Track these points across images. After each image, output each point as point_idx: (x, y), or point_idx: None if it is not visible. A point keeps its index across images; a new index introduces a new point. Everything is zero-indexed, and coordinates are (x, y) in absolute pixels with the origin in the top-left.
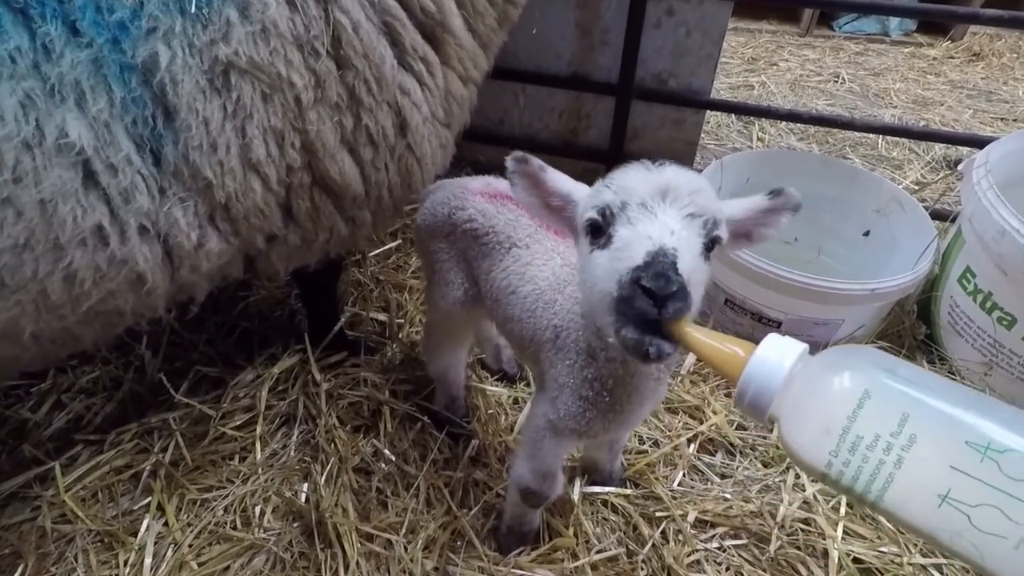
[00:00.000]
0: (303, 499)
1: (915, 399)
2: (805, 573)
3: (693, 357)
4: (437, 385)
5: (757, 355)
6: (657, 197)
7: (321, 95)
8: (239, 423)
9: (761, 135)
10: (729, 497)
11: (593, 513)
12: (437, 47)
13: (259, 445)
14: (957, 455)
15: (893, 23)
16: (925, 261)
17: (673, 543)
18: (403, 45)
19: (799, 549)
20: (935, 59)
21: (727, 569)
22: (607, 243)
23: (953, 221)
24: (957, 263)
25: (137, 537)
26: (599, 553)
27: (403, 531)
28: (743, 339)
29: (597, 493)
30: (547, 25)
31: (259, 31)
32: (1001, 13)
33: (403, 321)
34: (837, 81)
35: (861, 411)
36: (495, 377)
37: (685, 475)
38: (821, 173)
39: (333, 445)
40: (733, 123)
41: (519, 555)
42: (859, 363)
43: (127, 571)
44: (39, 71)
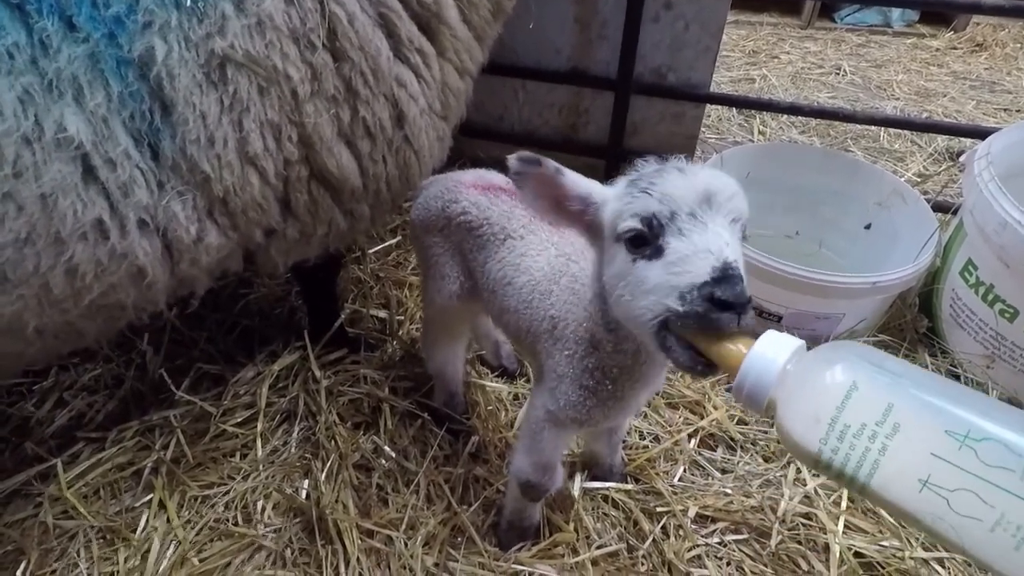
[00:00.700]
0: (304, 496)
1: (899, 391)
2: (806, 568)
3: None
4: (436, 381)
5: (754, 350)
6: (704, 205)
7: (318, 88)
8: (240, 420)
9: (762, 128)
10: (730, 492)
11: (593, 508)
12: (433, 39)
13: (260, 442)
14: (937, 443)
15: (895, 14)
16: (926, 254)
17: (674, 538)
18: (399, 37)
19: (800, 544)
20: (938, 50)
21: (728, 564)
22: (656, 255)
23: (955, 213)
24: (959, 255)
25: (138, 533)
26: (599, 548)
27: (403, 527)
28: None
29: (597, 488)
30: (546, 20)
31: (255, 24)
32: (1002, 2)
33: (403, 318)
34: (839, 73)
35: (849, 401)
36: (495, 373)
37: (686, 470)
38: (822, 166)
39: (333, 442)
40: (734, 117)
41: (519, 551)
42: (849, 357)
43: (129, 567)
44: (37, 66)
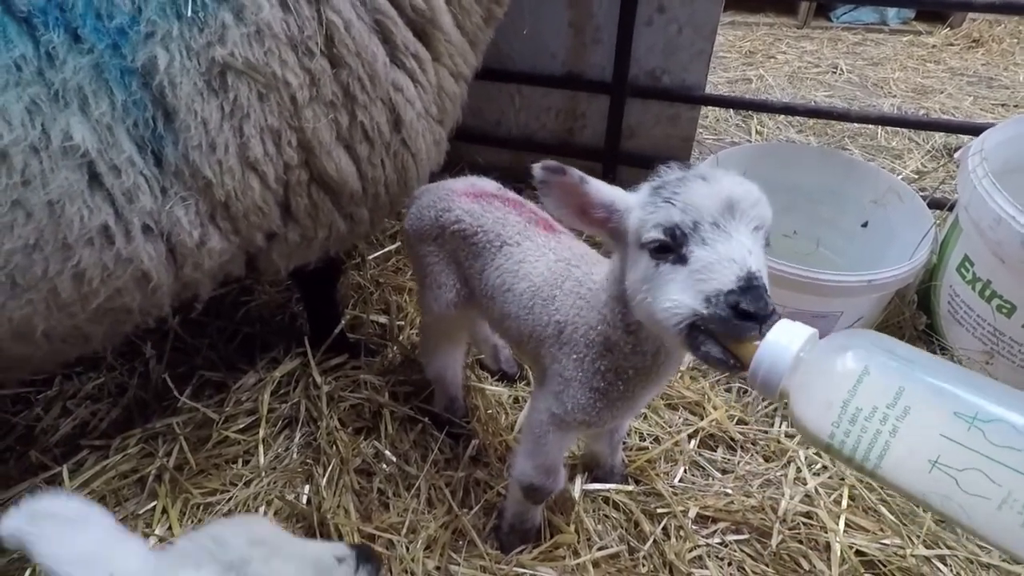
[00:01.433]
0: (305, 501)
1: (910, 375)
2: (807, 567)
3: None
4: (435, 386)
5: (768, 339)
6: (726, 213)
7: (316, 93)
8: (242, 426)
9: (760, 129)
10: (730, 492)
11: (594, 510)
12: (428, 44)
13: (262, 448)
14: (947, 424)
15: (891, 12)
16: (922, 251)
17: (675, 539)
18: (395, 43)
19: (801, 543)
20: (934, 47)
21: (729, 564)
22: (679, 261)
23: (951, 210)
24: (955, 252)
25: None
26: (601, 550)
27: (404, 531)
28: None
29: (598, 490)
30: (540, 25)
31: (254, 32)
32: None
33: (403, 323)
34: (836, 72)
35: (860, 386)
36: (495, 377)
37: (686, 471)
38: (818, 165)
39: (334, 447)
40: (731, 118)
41: (520, 553)
42: (861, 344)
43: None
44: (43, 77)
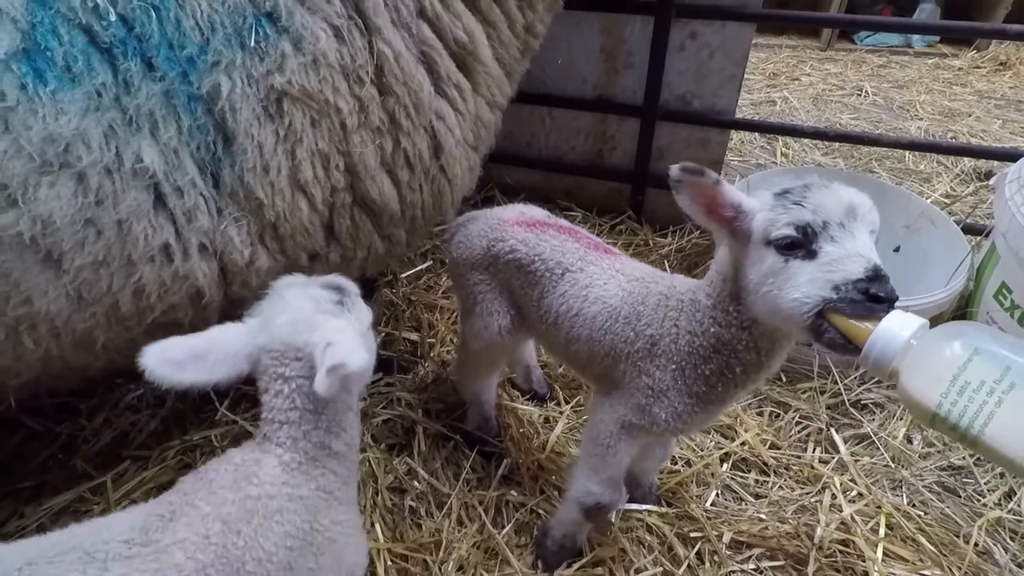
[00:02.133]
0: None
1: (1016, 359)
2: None
3: None
4: (470, 407)
5: (883, 324)
6: (850, 217)
7: (364, 120)
8: None
9: (785, 151)
10: (764, 518)
11: (628, 531)
12: (469, 75)
13: None
14: None
15: (916, 35)
16: (959, 277)
17: (709, 564)
18: (439, 73)
19: (838, 571)
20: (960, 70)
21: None
22: (809, 256)
23: (986, 236)
24: (992, 279)
25: None
26: (636, 573)
27: (437, 551)
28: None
29: (633, 511)
30: (573, 51)
31: (311, 62)
32: None
33: (434, 340)
34: (860, 94)
35: (971, 364)
36: (525, 397)
37: (719, 494)
38: None
39: (367, 465)
40: (756, 139)
41: (560, 567)
42: (971, 332)
43: None
44: (120, 103)
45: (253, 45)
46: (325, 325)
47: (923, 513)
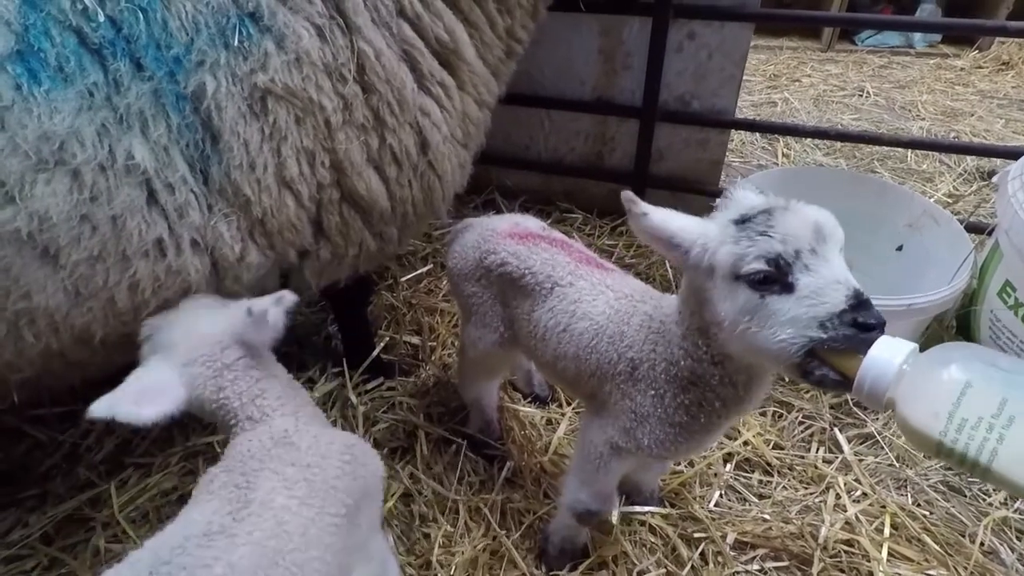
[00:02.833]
0: None
1: (1013, 385)
2: None
3: None
4: (471, 410)
5: (871, 353)
6: (818, 239)
7: (348, 117)
8: None
9: (786, 151)
10: (768, 518)
11: (631, 533)
12: (453, 73)
13: None
14: None
15: (917, 35)
16: (962, 275)
17: (712, 565)
18: (422, 71)
19: (843, 572)
20: (962, 69)
21: None
22: (786, 290)
23: (989, 234)
24: (996, 276)
25: None
26: (640, 575)
27: (442, 554)
28: None
29: (636, 513)
30: (572, 53)
31: (293, 60)
32: None
33: (435, 344)
34: (862, 95)
35: (964, 398)
36: (527, 400)
37: (722, 495)
38: (850, 189)
39: None
40: (757, 140)
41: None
42: (962, 357)
43: None
44: (111, 102)
45: (237, 45)
46: (228, 303)
47: (928, 513)
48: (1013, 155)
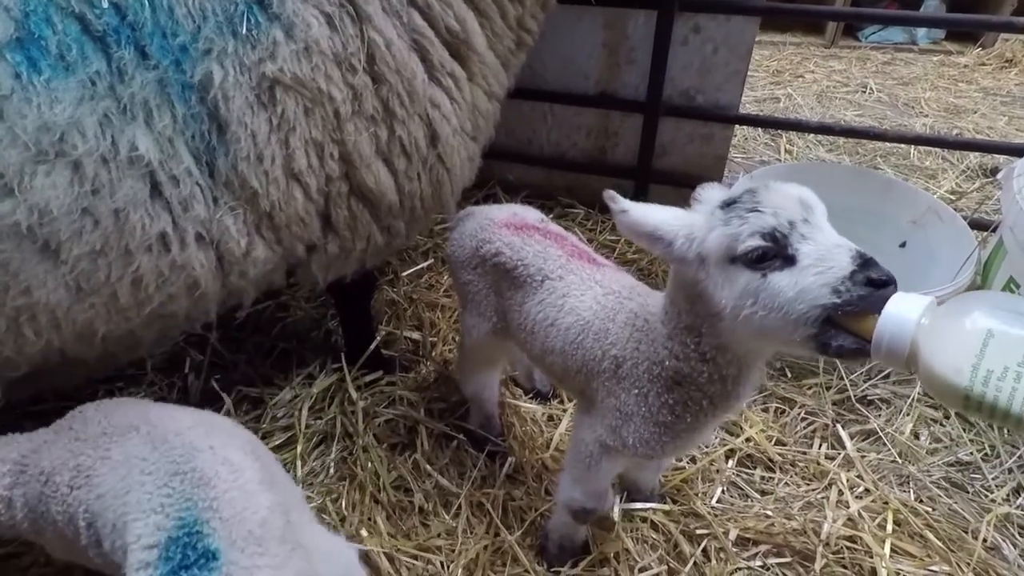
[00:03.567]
0: (339, 518)
1: None
2: None
3: None
4: (472, 405)
5: (887, 310)
6: (806, 210)
7: (358, 108)
8: (279, 442)
9: (789, 147)
10: (770, 514)
11: (633, 530)
12: (463, 64)
13: (299, 463)
14: None
15: (920, 32)
16: (966, 272)
17: (715, 561)
18: (432, 61)
19: (846, 567)
20: (966, 67)
21: None
22: (788, 263)
23: (993, 231)
24: (1000, 274)
25: None
26: (641, 572)
27: (445, 551)
28: None
29: (637, 509)
30: (575, 46)
31: (302, 49)
32: None
33: (436, 339)
34: (865, 91)
35: (987, 349)
36: (528, 395)
37: (724, 491)
38: (853, 185)
39: (371, 464)
40: (760, 136)
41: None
42: (982, 305)
43: None
44: (114, 92)
45: (245, 33)
46: None
47: (931, 509)
48: (1017, 152)
